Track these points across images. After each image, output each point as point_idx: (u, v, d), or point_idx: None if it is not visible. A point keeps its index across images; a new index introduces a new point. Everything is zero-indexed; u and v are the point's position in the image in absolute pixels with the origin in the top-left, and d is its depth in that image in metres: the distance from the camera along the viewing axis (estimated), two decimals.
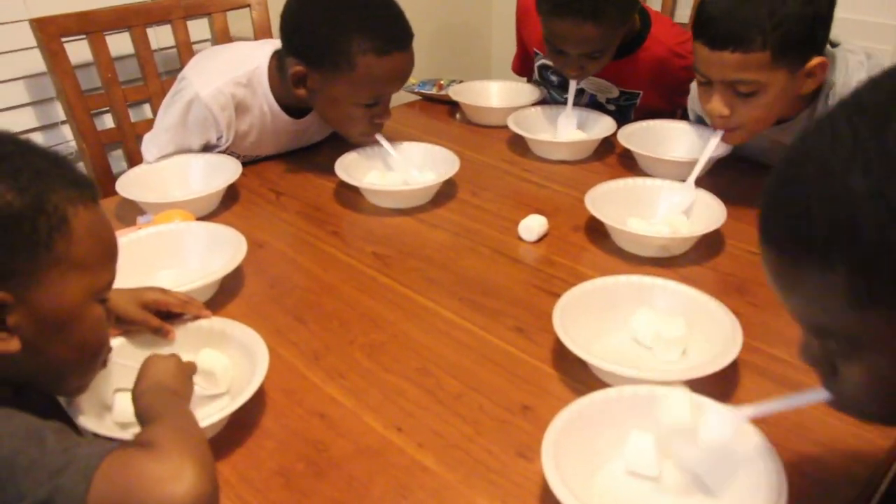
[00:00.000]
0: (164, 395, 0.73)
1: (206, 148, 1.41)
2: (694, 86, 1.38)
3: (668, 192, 1.22)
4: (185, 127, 1.35)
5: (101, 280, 0.68)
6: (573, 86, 1.47)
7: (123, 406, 0.78)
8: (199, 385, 0.83)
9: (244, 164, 1.39)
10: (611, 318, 0.95)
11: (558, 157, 1.46)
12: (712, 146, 1.23)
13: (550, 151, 1.47)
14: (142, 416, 0.71)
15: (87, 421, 0.75)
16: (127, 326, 0.89)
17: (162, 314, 0.90)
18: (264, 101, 1.37)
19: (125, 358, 0.82)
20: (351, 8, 1.25)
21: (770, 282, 0.56)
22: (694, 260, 1.13)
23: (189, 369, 0.81)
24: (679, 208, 1.20)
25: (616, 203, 1.19)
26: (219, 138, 1.38)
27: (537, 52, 1.66)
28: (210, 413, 0.78)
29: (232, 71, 1.34)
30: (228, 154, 1.43)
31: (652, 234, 1.12)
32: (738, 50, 1.10)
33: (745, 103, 1.16)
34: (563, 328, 0.89)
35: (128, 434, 0.77)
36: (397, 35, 1.26)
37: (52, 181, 0.63)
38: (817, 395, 0.61)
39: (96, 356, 0.72)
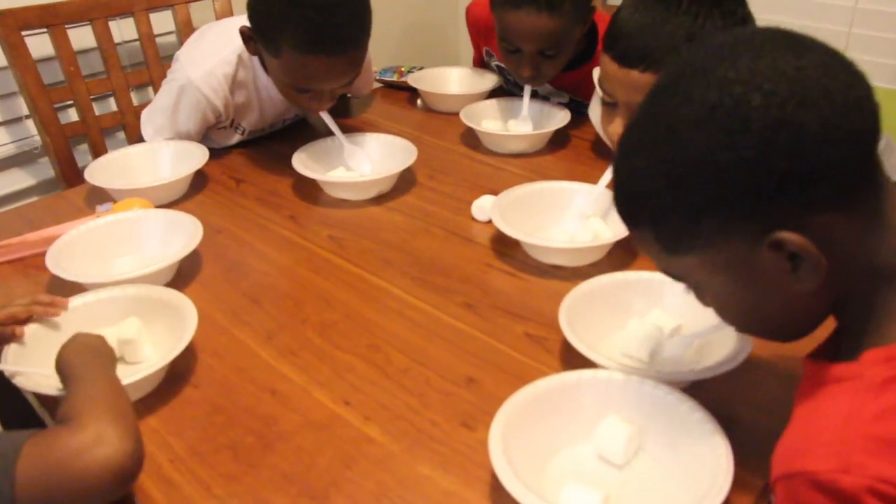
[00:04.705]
0: (84, 353, 0.75)
1: (209, 127, 1.43)
2: (595, 100, 1.31)
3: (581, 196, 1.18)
4: (178, 111, 1.37)
5: None
6: (528, 91, 1.45)
7: None
8: (124, 355, 0.88)
9: (255, 140, 1.46)
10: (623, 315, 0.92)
11: (510, 151, 1.44)
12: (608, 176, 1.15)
13: (501, 144, 1.44)
14: (61, 371, 0.73)
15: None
16: None
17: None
18: (256, 70, 1.38)
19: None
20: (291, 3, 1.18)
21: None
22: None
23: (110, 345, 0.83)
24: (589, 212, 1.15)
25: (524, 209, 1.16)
26: (217, 117, 1.40)
27: (490, 51, 1.65)
28: (138, 371, 0.81)
29: (221, 49, 1.35)
30: (235, 128, 1.45)
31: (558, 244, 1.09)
32: (649, 70, 1.03)
33: None
34: (569, 327, 0.86)
35: None
36: (328, 39, 1.18)
37: None
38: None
39: None
